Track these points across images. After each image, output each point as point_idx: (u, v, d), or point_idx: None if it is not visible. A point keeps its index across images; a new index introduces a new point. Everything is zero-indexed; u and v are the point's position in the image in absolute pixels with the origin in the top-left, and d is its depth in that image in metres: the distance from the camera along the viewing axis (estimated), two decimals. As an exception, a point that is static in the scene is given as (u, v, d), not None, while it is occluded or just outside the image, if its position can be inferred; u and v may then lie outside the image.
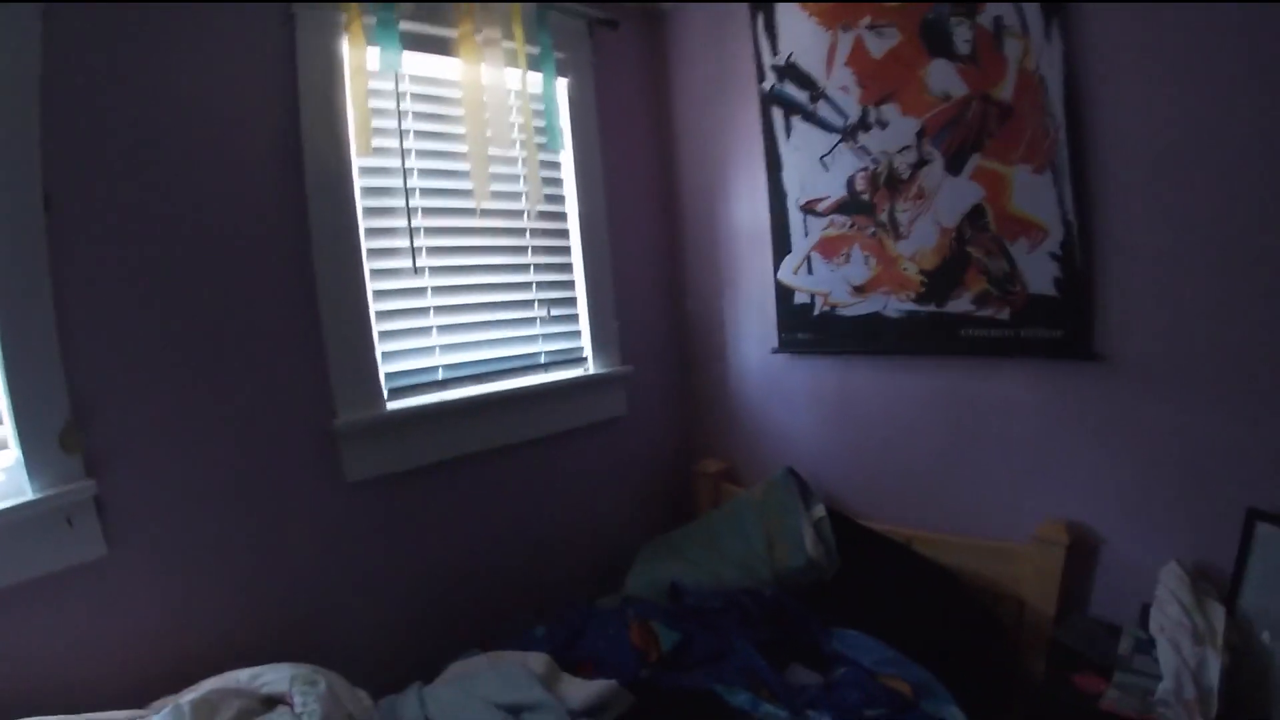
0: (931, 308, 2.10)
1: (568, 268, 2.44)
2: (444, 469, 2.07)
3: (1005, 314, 1.98)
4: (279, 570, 1.78)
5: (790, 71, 2.25)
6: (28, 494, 1.39)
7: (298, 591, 1.80)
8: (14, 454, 1.40)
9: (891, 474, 2.24)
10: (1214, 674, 1.50)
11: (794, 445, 2.48)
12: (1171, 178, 1.69)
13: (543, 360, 2.37)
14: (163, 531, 1.60)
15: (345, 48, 1.87)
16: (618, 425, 2.57)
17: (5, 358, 1.38)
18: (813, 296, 2.34)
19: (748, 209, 2.49)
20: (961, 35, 1.91)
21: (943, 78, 1.97)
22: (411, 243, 2.02)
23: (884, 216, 2.14)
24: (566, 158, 2.41)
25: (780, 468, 2.31)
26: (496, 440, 2.19)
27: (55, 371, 1.44)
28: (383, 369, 1.97)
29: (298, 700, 1.33)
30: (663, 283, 2.75)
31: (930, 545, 2.05)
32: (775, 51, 2.27)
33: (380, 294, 1.97)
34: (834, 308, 2.29)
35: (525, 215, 2.30)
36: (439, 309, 2.10)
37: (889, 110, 2.08)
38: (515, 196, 2.28)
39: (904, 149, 2.07)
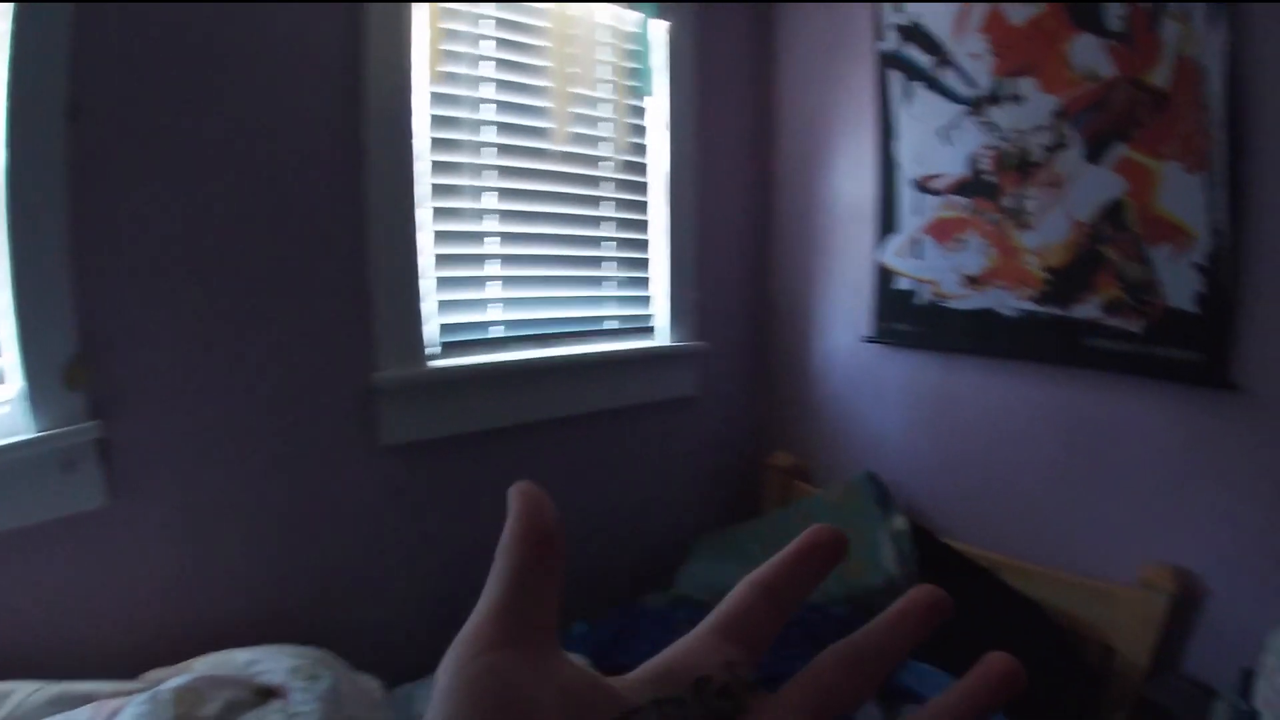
0: (1054, 310, 1.89)
1: (645, 227, 2.25)
2: (491, 438, 1.90)
3: (1137, 326, 1.77)
4: (299, 538, 1.63)
5: (914, 32, 2.00)
6: (27, 432, 1.25)
7: (318, 562, 1.66)
8: (17, 385, 1.25)
9: (986, 491, 2.05)
10: None
11: (879, 447, 2.29)
12: None
13: (611, 326, 2.18)
14: (173, 485, 1.45)
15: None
16: (686, 406, 2.37)
17: (15, 279, 1.23)
18: (918, 284, 2.14)
19: (851, 180, 2.27)
20: (1115, 10, 1.64)
21: (1089, 55, 1.71)
22: (479, 184, 1.85)
23: (1009, 202, 1.93)
24: (657, 107, 2.21)
25: (860, 470, 2.15)
26: (551, 411, 2.00)
27: (64, 297, 1.29)
28: (436, 321, 1.79)
29: (296, 696, 1.19)
30: (749, 254, 2.53)
31: (1019, 575, 1.87)
32: (899, 8, 2.02)
33: (441, 236, 1.79)
34: (941, 298, 2.09)
35: (606, 165, 2.12)
36: (504, 259, 1.93)
37: (1025, 84, 1.83)
38: (597, 143, 2.10)
39: (1039, 129, 1.84)
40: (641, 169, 2.22)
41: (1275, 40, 1.47)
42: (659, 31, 2.17)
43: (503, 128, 1.89)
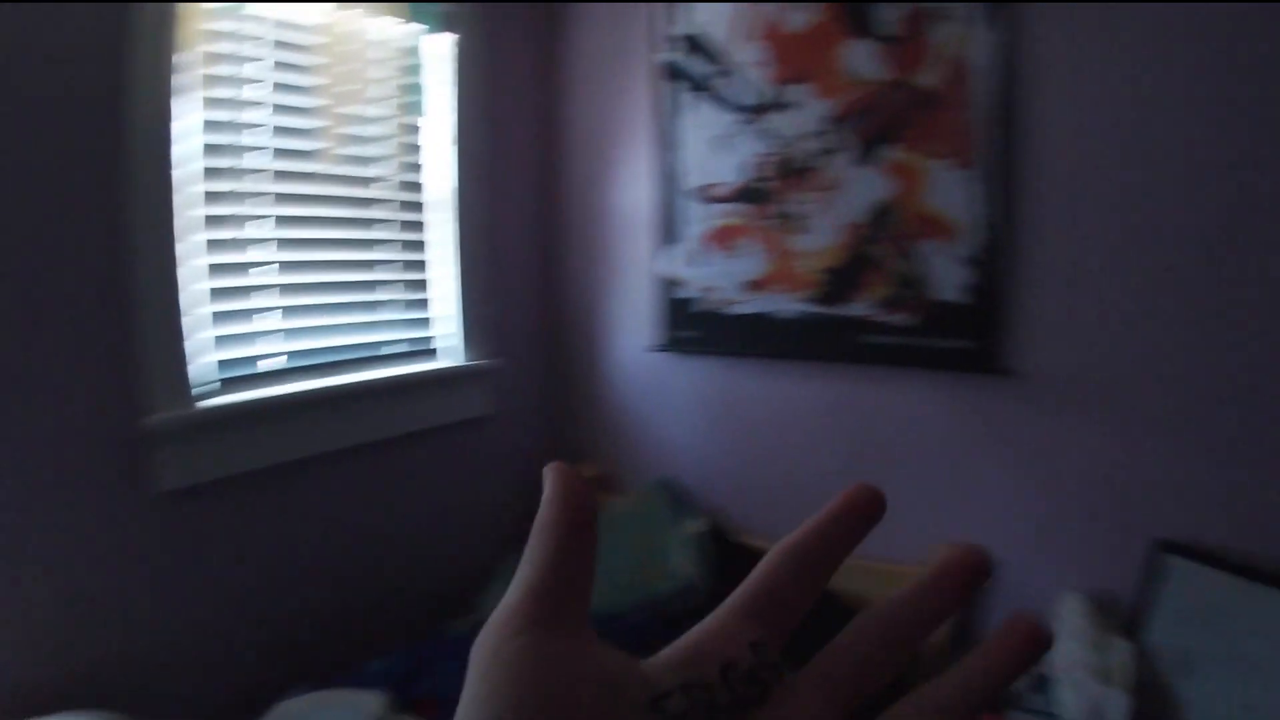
0: (829, 309, 1.91)
1: (425, 247, 2.12)
2: (277, 474, 1.75)
3: (909, 320, 1.82)
4: (80, 599, 1.44)
5: (694, 43, 2.04)
6: None
7: (106, 621, 1.47)
8: None
9: (782, 487, 2.03)
10: (1120, 716, 1.37)
11: (676, 453, 2.22)
12: (1101, 188, 1.61)
13: (395, 350, 2.04)
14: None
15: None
16: (479, 425, 2.24)
17: None
18: (699, 291, 2.10)
19: (634, 192, 2.24)
20: (887, 14, 1.76)
21: (862, 59, 1.82)
22: (252, 211, 1.70)
23: (784, 207, 1.95)
24: (437, 123, 2.09)
25: (660, 475, 2.07)
26: (338, 441, 1.87)
27: None
28: (213, 356, 1.64)
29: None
30: (538, 269, 2.46)
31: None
32: (679, 20, 2.05)
33: (216, 268, 1.63)
34: (722, 304, 2.06)
35: (383, 186, 1.98)
36: (282, 288, 1.77)
37: (800, 91, 1.90)
38: (372, 163, 1.97)
39: (813, 134, 1.89)
40: (420, 188, 2.10)
41: (1045, 38, 1.63)
42: (436, 47, 2.06)
43: (276, 152, 1.76)
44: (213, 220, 1.61)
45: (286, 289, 1.78)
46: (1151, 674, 1.49)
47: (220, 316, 1.64)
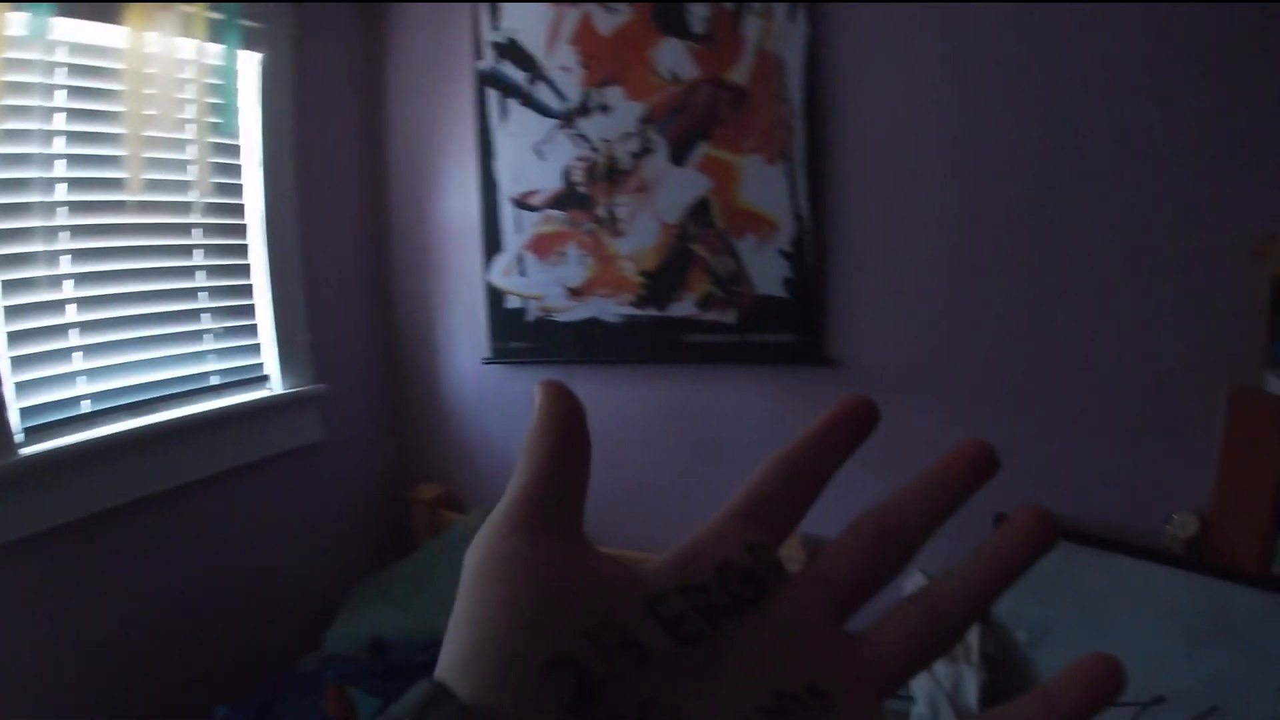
0: (653, 312, 1.87)
1: (246, 271, 1.98)
2: (103, 521, 1.60)
3: (732, 317, 1.80)
4: None
5: (510, 49, 2.00)
6: None
7: None
8: None
9: (620, 492, 1.95)
10: (971, 693, 1.37)
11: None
12: (911, 178, 1.67)
13: (215, 381, 1.89)
14: None
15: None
16: (314, 452, 2.10)
17: None
18: (526, 301, 2.03)
19: (459, 204, 2.16)
20: (698, 12, 1.77)
21: (673, 58, 1.82)
22: (53, 248, 1.57)
23: (602, 211, 1.91)
24: (249, 143, 1.96)
25: (500, 493, 1.90)
26: (163, 482, 1.74)
27: None
28: (15, 404, 1.49)
29: None
30: (367, 287, 2.33)
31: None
32: (496, 26, 2.01)
33: (13, 311, 1.50)
34: (549, 312, 2.00)
35: (197, 210, 1.84)
36: (87, 326, 1.64)
37: (612, 93, 1.89)
38: (185, 188, 1.83)
39: (626, 136, 1.88)
40: (238, 210, 1.96)
41: (851, 31, 1.67)
42: (247, 64, 1.94)
43: (76, 183, 1.63)
44: (5, 260, 1.50)
45: (93, 325, 1.65)
46: (1004, 647, 1.49)
47: (21, 361, 1.51)
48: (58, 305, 1.59)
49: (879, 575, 0.25)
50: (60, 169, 1.58)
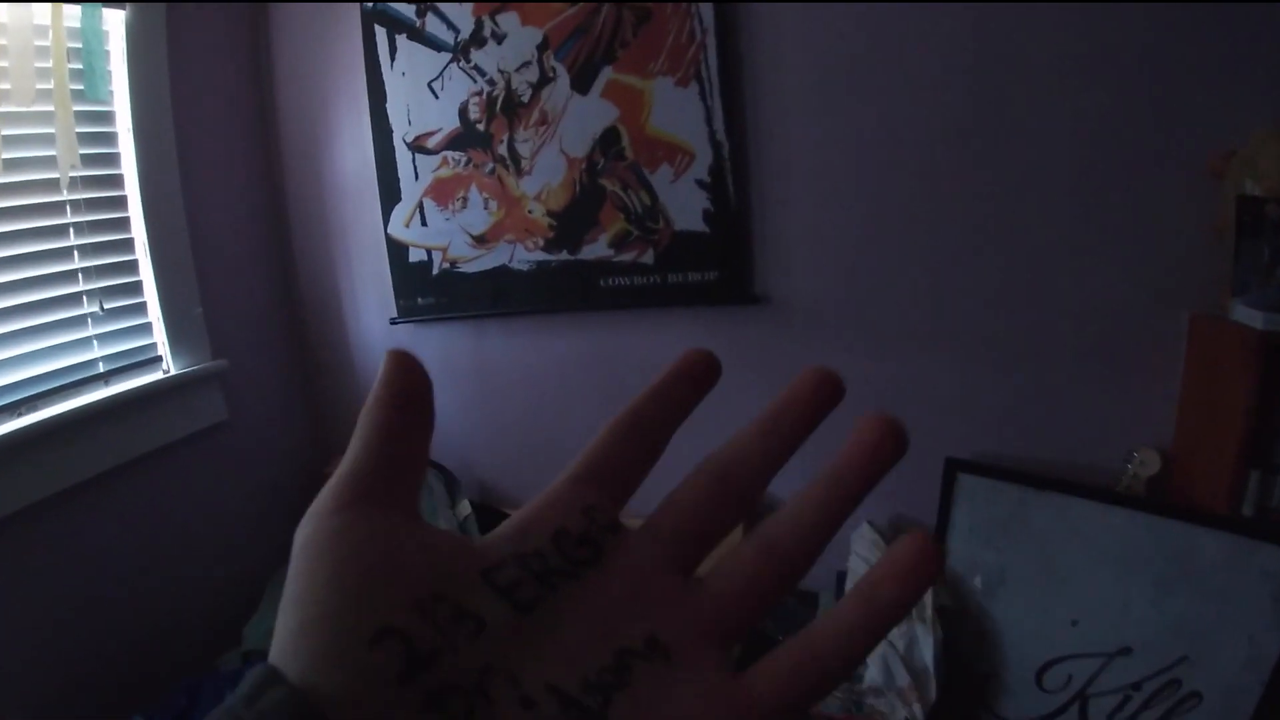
0: (564, 256, 1.71)
1: (130, 246, 1.81)
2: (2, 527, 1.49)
3: (649, 257, 1.63)
4: None
5: (395, -21, 1.80)
6: None
7: None
8: None
9: (541, 450, 1.87)
10: (927, 652, 1.30)
11: (436, 433, 1.93)
12: (835, 94, 1.51)
13: (102, 369, 1.73)
14: None
15: None
16: (219, 433, 1.96)
17: None
18: (429, 253, 1.86)
19: (354, 154, 1.98)
20: (594, -75, 1.58)
21: (570, -24, 1.62)
22: None
23: (503, 149, 1.73)
24: (124, 109, 1.78)
25: None
26: (55, 484, 1.60)
27: None
28: None
29: None
30: (264, 254, 2.16)
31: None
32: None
33: None
34: (454, 264, 1.84)
35: (63, 187, 1.65)
36: None
37: (506, 20, 1.70)
38: (50, 163, 1.64)
39: (523, 66, 1.69)
40: (115, 181, 1.78)
41: None
42: (112, 24, 1.75)
43: None
44: None
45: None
46: (960, 597, 1.43)
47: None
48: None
49: (719, 524, 0.24)
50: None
